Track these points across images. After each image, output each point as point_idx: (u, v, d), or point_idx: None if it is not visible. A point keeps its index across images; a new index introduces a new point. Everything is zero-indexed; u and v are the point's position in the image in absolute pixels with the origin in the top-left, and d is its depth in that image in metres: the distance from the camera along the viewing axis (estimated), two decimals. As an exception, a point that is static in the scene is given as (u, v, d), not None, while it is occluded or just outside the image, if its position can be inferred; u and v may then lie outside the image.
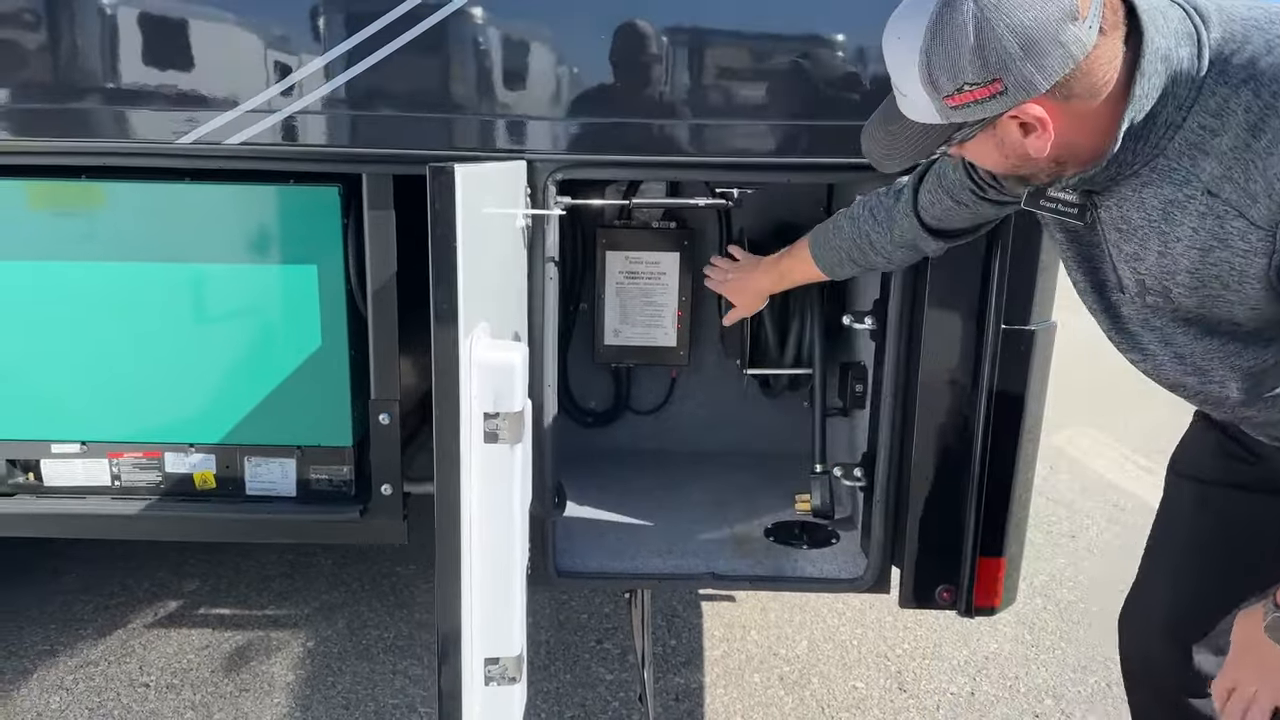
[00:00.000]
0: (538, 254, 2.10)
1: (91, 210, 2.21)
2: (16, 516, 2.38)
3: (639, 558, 2.38)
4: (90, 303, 2.25)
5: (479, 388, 1.31)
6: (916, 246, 1.88)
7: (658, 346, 2.96)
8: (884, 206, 1.91)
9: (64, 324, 2.27)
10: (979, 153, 1.36)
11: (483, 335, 1.37)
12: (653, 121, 2.03)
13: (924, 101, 1.25)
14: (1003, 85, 1.18)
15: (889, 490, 2.24)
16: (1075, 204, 1.41)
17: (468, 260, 1.27)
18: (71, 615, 3.45)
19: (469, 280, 1.29)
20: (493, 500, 1.35)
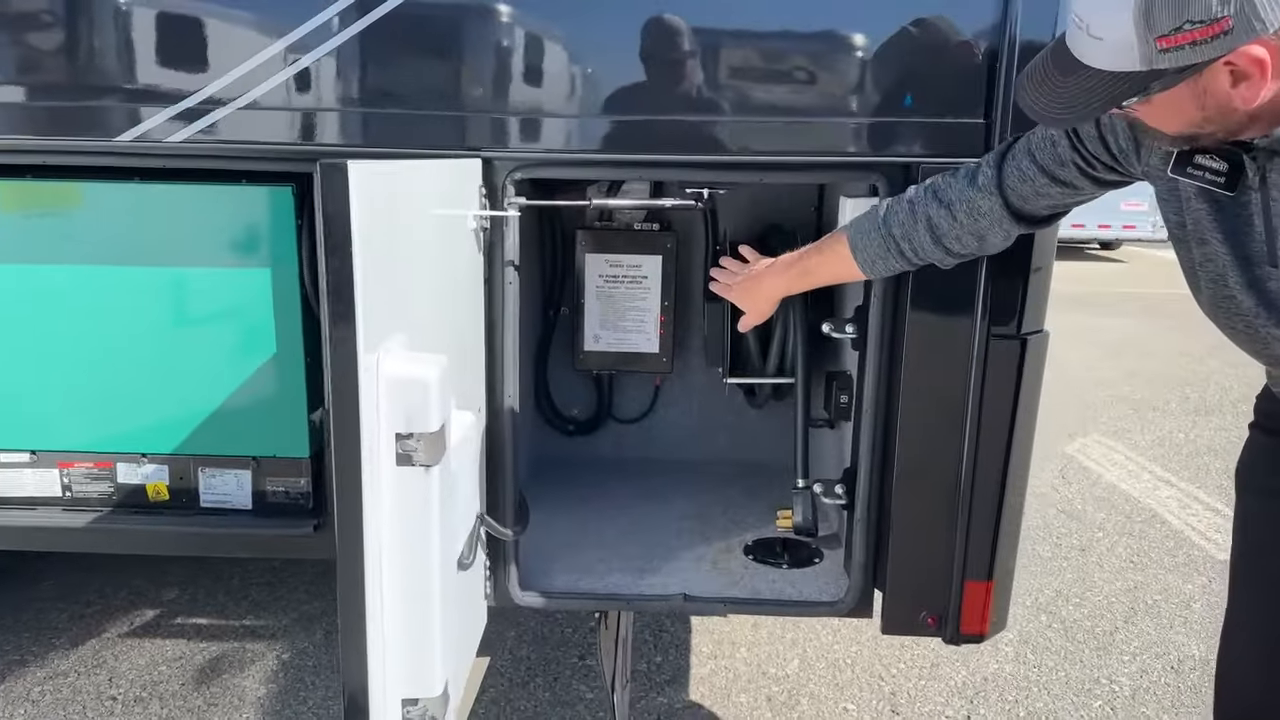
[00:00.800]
0: (497, 257, 1.98)
1: (34, 211, 2.13)
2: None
3: (610, 576, 2.27)
4: (36, 307, 2.17)
5: (389, 406, 1.20)
6: (988, 236, 1.70)
7: (640, 353, 2.84)
8: (954, 189, 1.71)
9: (8, 328, 2.18)
10: (1166, 108, 1.19)
11: (396, 349, 1.26)
12: (617, 118, 1.92)
13: (1127, 44, 1.09)
14: (1230, 24, 1.03)
15: (870, 508, 2.11)
16: (1224, 171, 1.26)
17: (372, 268, 1.16)
18: (45, 623, 3.38)
19: (374, 290, 1.18)
20: (407, 527, 1.24)
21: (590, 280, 2.81)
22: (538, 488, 2.80)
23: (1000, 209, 1.66)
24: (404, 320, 1.31)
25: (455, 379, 1.63)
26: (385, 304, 1.23)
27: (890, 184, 1.94)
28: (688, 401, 3.02)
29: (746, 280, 2.08)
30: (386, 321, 1.23)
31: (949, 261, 1.79)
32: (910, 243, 1.77)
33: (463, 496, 1.57)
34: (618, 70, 1.90)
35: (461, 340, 1.73)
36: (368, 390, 1.17)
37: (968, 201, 1.68)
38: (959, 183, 1.71)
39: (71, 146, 1.99)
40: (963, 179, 1.71)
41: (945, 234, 1.72)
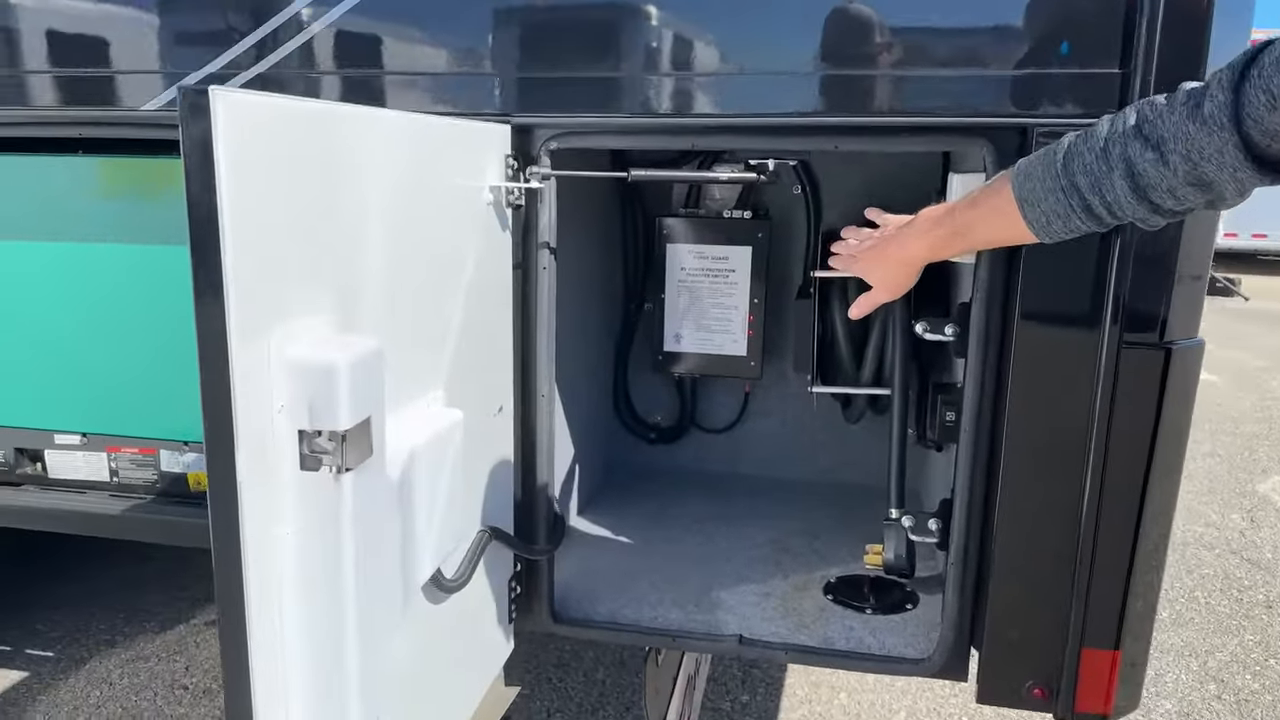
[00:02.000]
0: (531, 239, 1.75)
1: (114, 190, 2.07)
2: (21, 510, 2.28)
3: (660, 608, 1.98)
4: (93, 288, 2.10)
5: (289, 397, 0.98)
6: (1216, 185, 1.18)
7: (724, 355, 2.54)
8: (1166, 123, 1.19)
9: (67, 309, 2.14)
10: None
11: (318, 330, 1.04)
12: (671, 74, 1.64)
13: None
14: None
15: (967, 549, 1.74)
16: None
17: (262, 229, 0.94)
18: (140, 605, 3.41)
19: (267, 257, 0.96)
20: (310, 544, 1.02)
21: (672, 273, 2.53)
22: (605, 499, 2.55)
23: (1236, 150, 1.14)
24: (338, 302, 1.09)
25: (432, 372, 1.41)
26: (294, 277, 1.00)
27: (999, 153, 1.58)
28: (780, 413, 2.69)
29: (878, 243, 1.61)
30: (296, 298, 1.01)
31: (1155, 221, 1.28)
32: (1102, 195, 1.26)
33: (443, 506, 1.33)
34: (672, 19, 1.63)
35: (460, 329, 1.50)
36: (255, 376, 0.95)
37: (1185, 139, 1.17)
38: (1172, 114, 1.19)
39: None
40: (1178, 107, 1.19)
41: (1153, 185, 1.21)
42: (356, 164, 1.15)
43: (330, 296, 1.08)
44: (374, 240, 1.19)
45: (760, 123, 1.62)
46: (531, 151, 1.70)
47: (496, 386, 1.71)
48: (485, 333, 1.64)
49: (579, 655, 3.13)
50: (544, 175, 1.65)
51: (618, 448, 2.75)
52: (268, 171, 0.96)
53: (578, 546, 2.25)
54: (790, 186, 2.54)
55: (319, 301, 1.06)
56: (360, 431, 1.03)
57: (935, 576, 2.14)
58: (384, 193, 1.21)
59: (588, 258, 2.42)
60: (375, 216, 1.19)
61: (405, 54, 1.73)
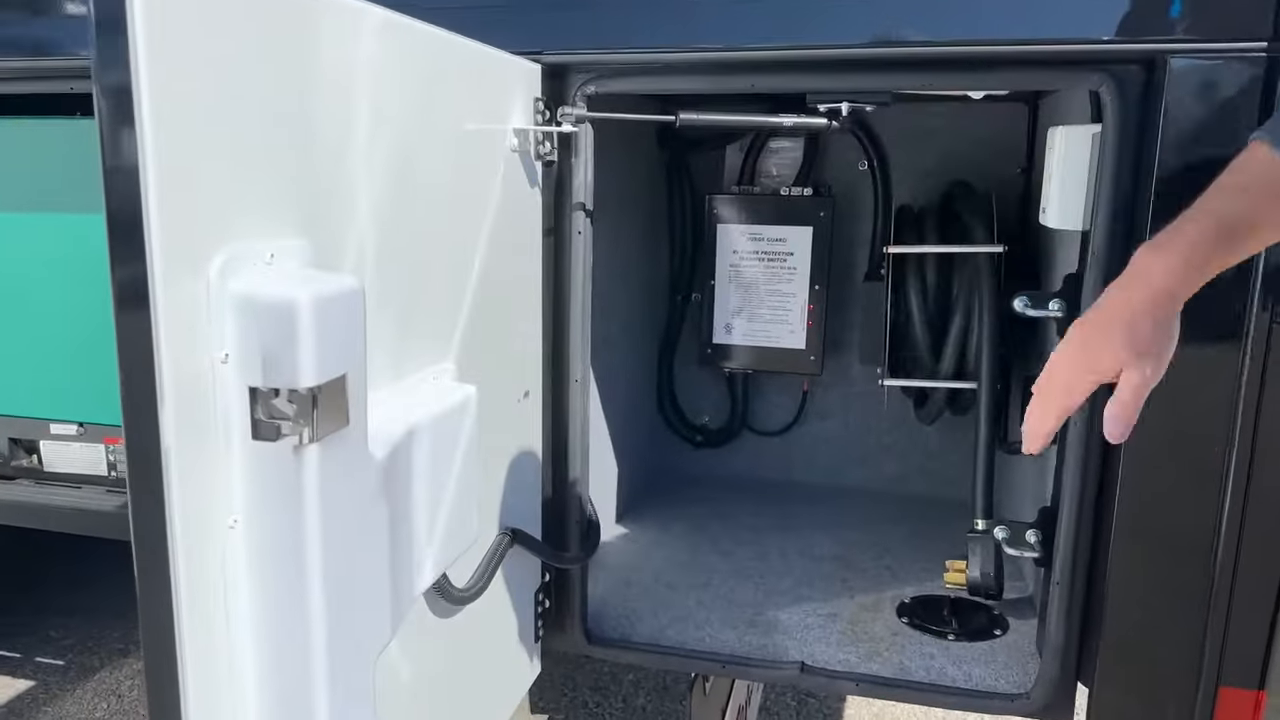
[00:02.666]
0: (565, 197, 1.52)
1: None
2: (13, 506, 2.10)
3: (709, 628, 1.73)
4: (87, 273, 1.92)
5: (236, 344, 0.76)
6: None
7: (781, 349, 2.29)
8: None
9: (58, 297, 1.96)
10: None
11: (281, 260, 0.81)
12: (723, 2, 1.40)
13: None
14: None
15: (1075, 566, 1.47)
16: None
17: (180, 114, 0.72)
18: (156, 614, 3.24)
19: (209, 157, 0.74)
20: (269, 535, 0.79)
21: (723, 257, 2.29)
22: (646, 506, 2.30)
23: None
24: (309, 225, 0.86)
25: (439, 338, 1.18)
26: (248, 186, 0.78)
27: (1122, 93, 1.32)
28: (842, 414, 2.43)
29: (1096, 307, 0.98)
30: (249, 215, 0.79)
31: None
32: None
33: (452, 500, 1.10)
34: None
35: (476, 293, 1.27)
36: (189, 314, 0.73)
37: None
38: None
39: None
40: None
41: None
42: (341, 63, 0.92)
43: (297, 225, 0.86)
44: (360, 164, 0.97)
45: (833, 55, 1.37)
46: (566, 96, 1.47)
47: (522, 368, 1.48)
48: (510, 304, 1.41)
49: (617, 679, 2.88)
50: (578, 118, 1.43)
51: (661, 451, 2.51)
52: (209, 52, 0.74)
53: (615, 557, 2.01)
54: (856, 162, 2.30)
55: (283, 225, 0.84)
56: (332, 393, 0.80)
57: (1024, 599, 1.87)
58: (376, 110, 0.99)
59: (630, 240, 2.19)
60: (364, 137, 0.97)
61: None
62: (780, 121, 1.46)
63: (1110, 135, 1.34)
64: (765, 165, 2.34)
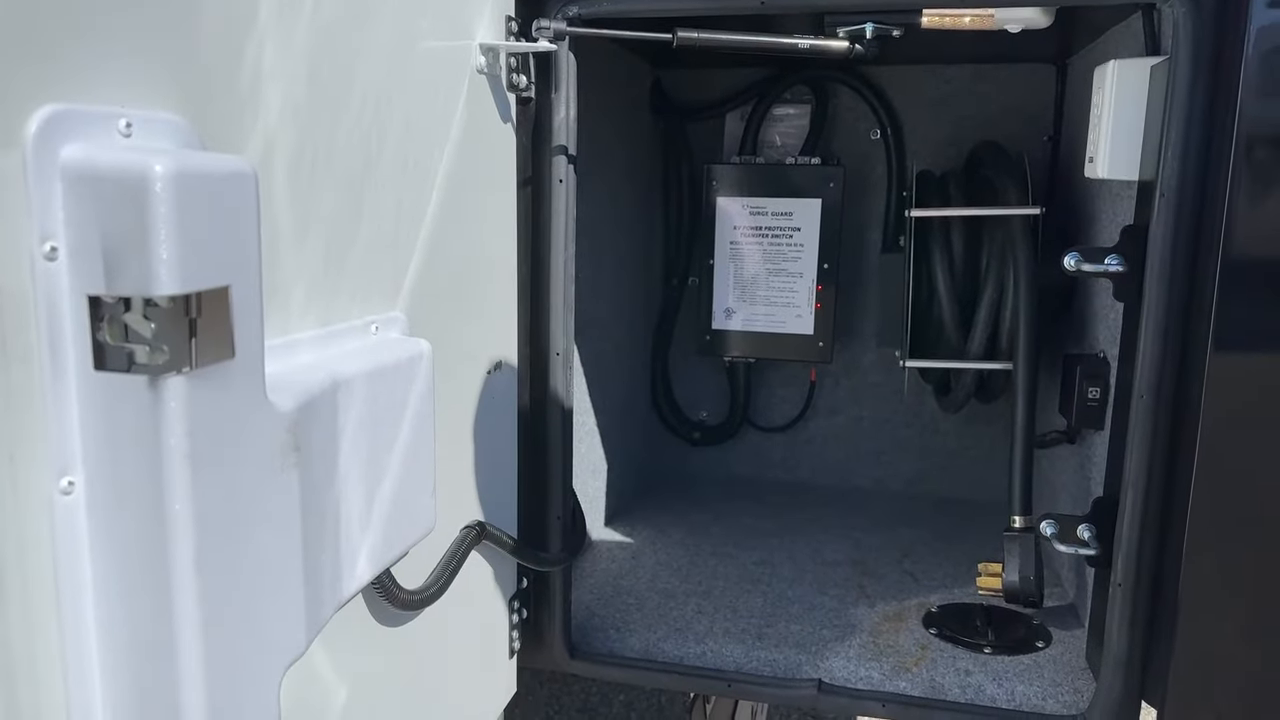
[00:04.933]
0: (543, 139, 1.32)
1: None
2: None
3: (710, 641, 1.51)
4: None
5: (71, 234, 0.55)
6: None
7: (786, 335, 2.08)
8: None
9: None
10: None
11: (141, 128, 0.60)
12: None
13: None
14: None
15: (1139, 565, 1.26)
16: None
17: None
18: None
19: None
20: (118, 507, 0.58)
21: (723, 234, 2.08)
22: (639, 508, 2.09)
23: None
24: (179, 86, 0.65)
25: (381, 278, 0.96)
26: (90, 16, 0.57)
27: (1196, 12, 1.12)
28: (855, 405, 2.22)
29: None
30: (91, 59, 0.57)
31: None
32: None
33: (397, 478, 0.89)
34: None
35: (433, 236, 1.06)
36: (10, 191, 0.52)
37: None
38: None
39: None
40: None
41: None
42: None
43: (173, 95, 0.64)
44: (272, 30, 0.75)
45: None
46: (543, 19, 1.27)
47: (493, 335, 1.27)
48: (478, 257, 1.20)
49: (607, 699, 2.65)
50: (558, 33, 1.22)
51: (655, 449, 2.29)
52: None
53: (604, 563, 1.79)
54: (868, 132, 2.11)
55: (147, 96, 0.62)
56: (211, 310, 0.58)
57: (1065, 606, 1.66)
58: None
59: (621, 213, 1.99)
60: (274, 14, 0.76)
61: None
62: (796, 44, 1.25)
63: (1183, 65, 1.15)
64: (769, 134, 2.14)
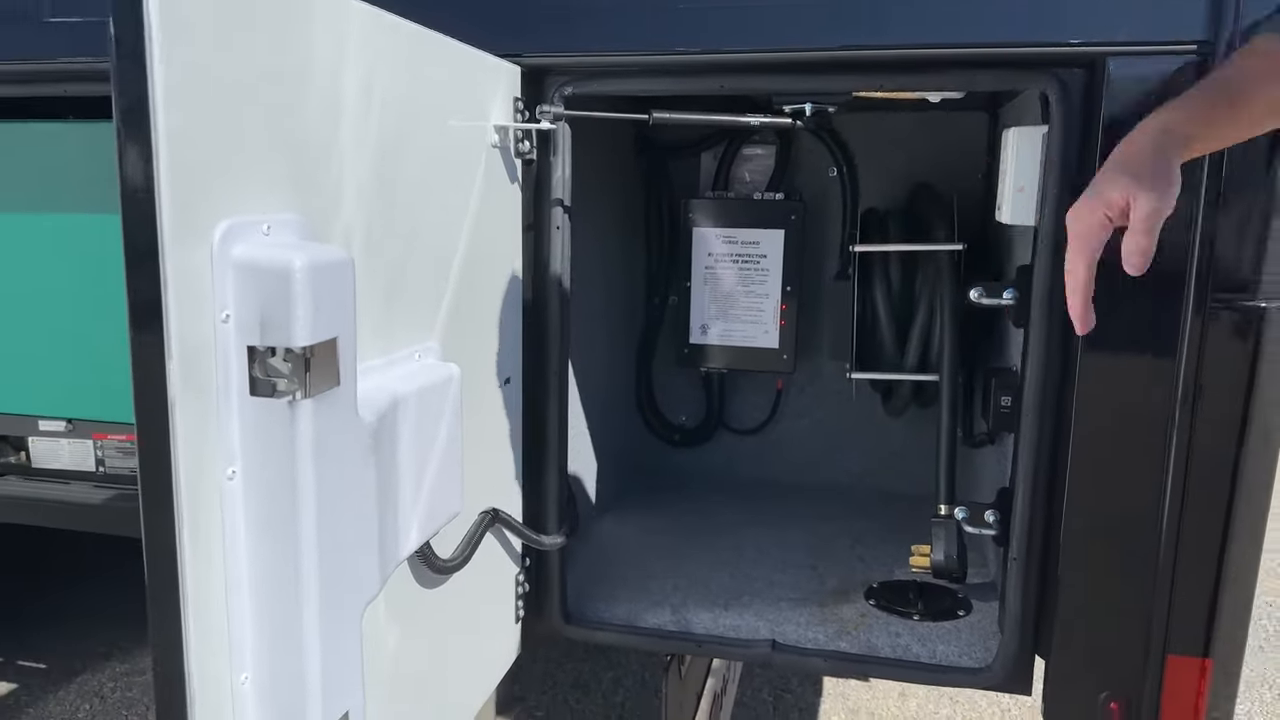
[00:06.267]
0: (544, 194, 1.60)
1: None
2: (6, 500, 2.13)
3: (685, 610, 1.80)
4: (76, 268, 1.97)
5: (236, 304, 0.82)
6: None
7: (755, 348, 2.36)
8: None
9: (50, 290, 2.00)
10: None
11: (277, 231, 0.88)
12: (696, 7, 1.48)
13: None
14: None
15: (1031, 544, 1.54)
16: None
17: (206, 101, 0.79)
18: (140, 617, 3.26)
19: (212, 135, 0.80)
20: (262, 480, 0.85)
21: (699, 259, 2.37)
22: (626, 503, 2.37)
23: None
24: (301, 200, 0.93)
25: (423, 316, 1.24)
26: (248, 163, 0.85)
27: (1065, 93, 1.41)
28: (817, 410, 2.51)
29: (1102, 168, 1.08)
30: (249, 188, 0.85)
31: None
32: None
33: (435, 472, 1.17)
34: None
35: (460, 279, 1.34)
36: (192, 277, 0.79)
37: None
38: None
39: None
40: None
41: None
42: (332, 54, 0.99)
43: (293, 200, 0.93)
44: (349, 147, 1.04)
45: (795, 58, 1.45)
46: (545, 98, 1.55)
47: (504, 356, 1.55)
48: (492, 293, 1.48)
49: (598, 676, 2.93)
50: (556, 116, 1.50)
51: (640, 450, 2.57)
52: (216, 34, 0.81)
53: (595, 548, 2.07)
54: (826, 169, 2.39)
55: (280, 199, 0.91)
56: (324, 355, 0.86)
57: (988, 584, 1.94)
58: (364, 100, 1.06)
59: (609, 242, 2.27)
60: (352, 122, 1.04)
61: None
62: (749, 121, 1.54)
63: (1056, 134, 1.43)
64: (739, 171, 2.42)
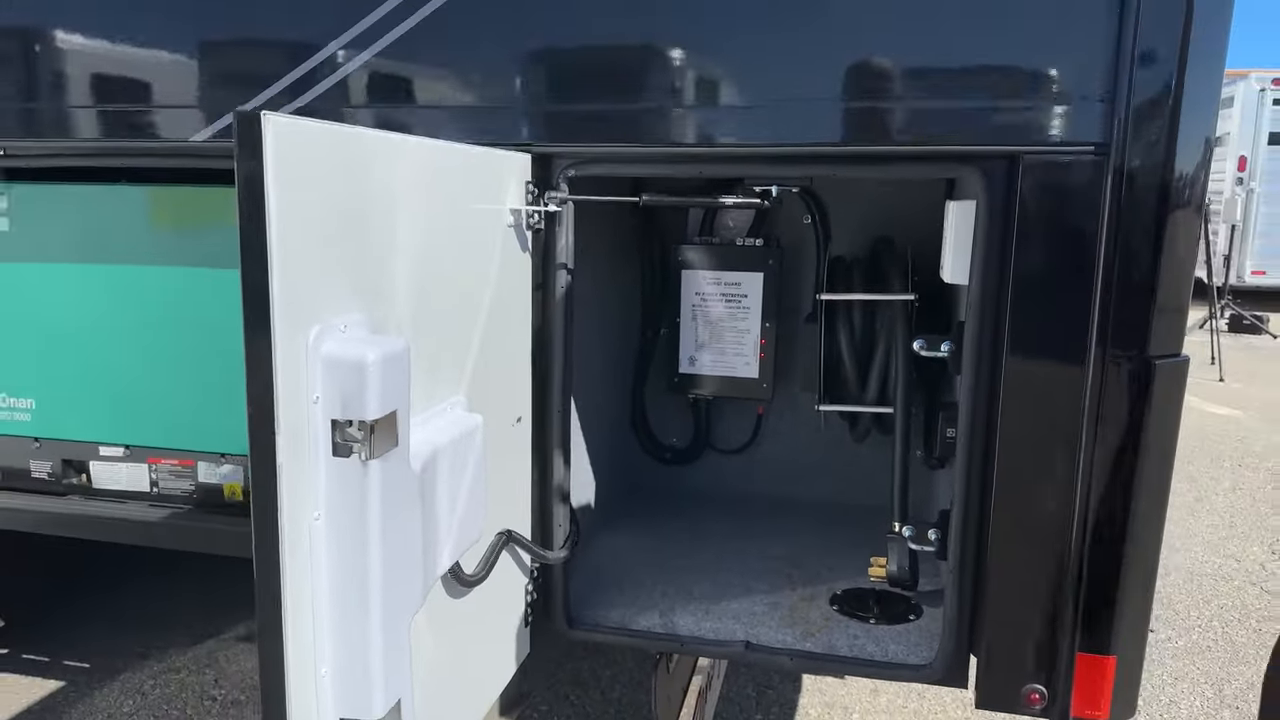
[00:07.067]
0: (550, 259, 1.86)
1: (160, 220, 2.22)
2: (66, 517, 2.40)
3: (672, 615, 2.06)
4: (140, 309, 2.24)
5: (324, 389, 1.09)
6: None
7: (737, 377, 2.64)
8: None
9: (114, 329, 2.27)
10: None
11: (350, 329, 1.15)
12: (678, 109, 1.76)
13: None
14: None
15: (964, 558, 1.81)
16: None
17: (304, 235, 1.06)
18: (171, 619, 3.52)
19: (308, 260, 1.07)
20: (341, 526, 1.12)
21: (687, 299, 2.64)
22: (621, 516, 2.63)
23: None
24: (368, 302, 1.20)
25: (454, 377, 1.51)
26: (331, 278, 1.12)
27: (990, 181, 1.68)
28: (793, 434, 2.78)
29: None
30: (331, 298, 1.12)
31: None
32: None
33: (464, 504, 1.43)
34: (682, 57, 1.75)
35: (482, 340, 1.61)
36: (295, 369, 1.06)
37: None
38: None
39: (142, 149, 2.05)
40: None
41: None
42: (386, 182, 1.26)
43: (362, 300, 1.20)
44: (402, 252, 1.31)
45: (763, 152, 1.73)
46: (551, 179, 1.82)
47: (516, 398, 1.81)
48: (506, 347, 1.75)
49: (596, 674, 3.20)
50: (561, 200, 1.77)
51: (635, 468, 2.84)
52: (308, 185, 1.07)
53: (593, 559, 2.33)
54: (801, 216, 2.65)
55: (352, 304, 1.17)
56: (387, 423, 1.13)
57: (938, 591, 2.20)
58: (411, 210, 1.33)
59: (606, 284, 2.53)
60: (404, 231, 1.31)
61: (432, 90, 1.86)
62: (723, 202, 1.81)
63: (983, 212, 1.70)
64: (723, 219, 2.69)
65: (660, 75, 1.75)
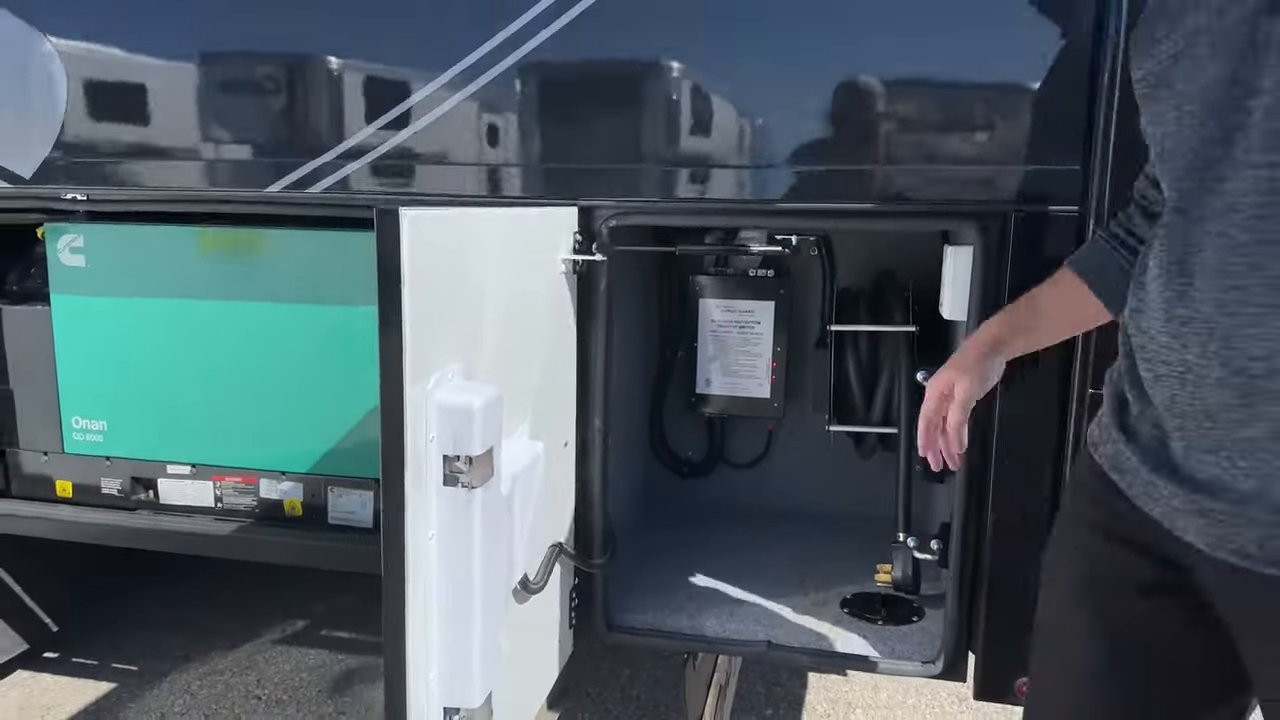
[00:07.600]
0: (592, 300, 2.08)
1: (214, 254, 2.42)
2: (137, 531, 2.60)
3: (698, 618, 2.29)
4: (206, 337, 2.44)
5: (438, 429, 1.31)
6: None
7: (750, 397, 2.86)
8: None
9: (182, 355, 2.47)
10: None
11: (454, 377, 1.37)
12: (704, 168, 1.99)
13: None
14: None
15: (963, 564, 2.04)
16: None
17: (424, 303, 1.27)
18: (211, 626, 3.72)
19: (426, 323, 1.29)
20: (451, 544, 1.33)
21: (704, 325, 2.86)
22: (645, 526, 2.85)
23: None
24: (464, 352, 1.42)
25: (522, 410, 1.73)
26: (441, 336, 1.34)
27: (985, 234, 1.91)
28: (801, 449, 3.00)
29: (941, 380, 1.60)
30: (441, 352, 1.34)
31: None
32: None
33: (530, 522, 1.65)
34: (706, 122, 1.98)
35: (540, 375, 1.83)
36: (417, 414, 1.28)
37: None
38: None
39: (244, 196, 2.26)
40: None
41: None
42: (479, 249, 1.49)
43: (460, 351, 1.42)
44: (487, 305, 1.53)
45: (781, 208, 1.96)
46: (593, 228, 2.04)
47: (564, 424, 2.04)
48: (556, 379, 1.97)
49: (615, 673, 3.41)
50: (604, 248, 1.99)
51: (655, 482, 3.06)
52: (430, 263, 1.29)
53: (622, 566, 2.55)
54: (809, 250, 2.88)
55: (454, 355, 1.39)
56: (486, 457, 1.35)
57: (941, 595, 2.43)
58: (493, 267, 1.55)
59: (631, 311, 2.75)
60: (490, 288, 1.53)
61: (498, 147, 2.08)
62: (749, 248, 2.04)
63: (979, 258, 1.93)
64: (737, 252, 2.92)
65: (694, 142, 1.98)
